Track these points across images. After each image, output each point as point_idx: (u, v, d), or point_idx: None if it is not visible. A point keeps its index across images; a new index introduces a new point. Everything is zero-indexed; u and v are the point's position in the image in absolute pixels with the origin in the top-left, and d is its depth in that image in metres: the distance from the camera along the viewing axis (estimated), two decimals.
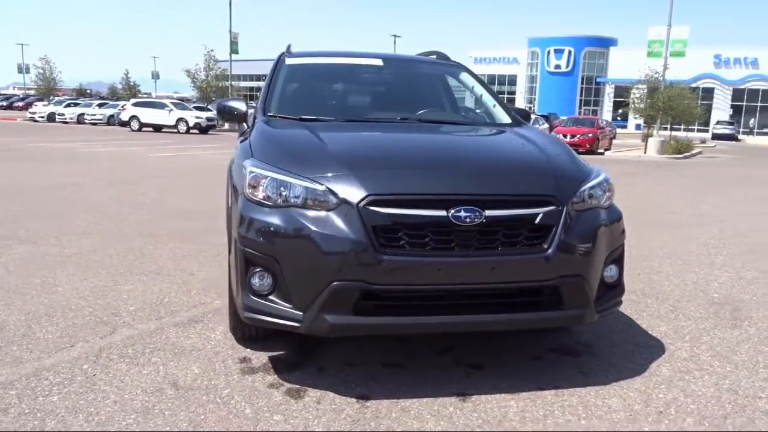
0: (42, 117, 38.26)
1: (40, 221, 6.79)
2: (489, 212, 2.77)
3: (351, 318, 2.75)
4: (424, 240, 2.75)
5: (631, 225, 3.39)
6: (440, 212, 2.74)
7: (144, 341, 3.47)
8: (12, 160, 14.28)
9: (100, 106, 38.99)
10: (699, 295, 4.74)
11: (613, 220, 3.20)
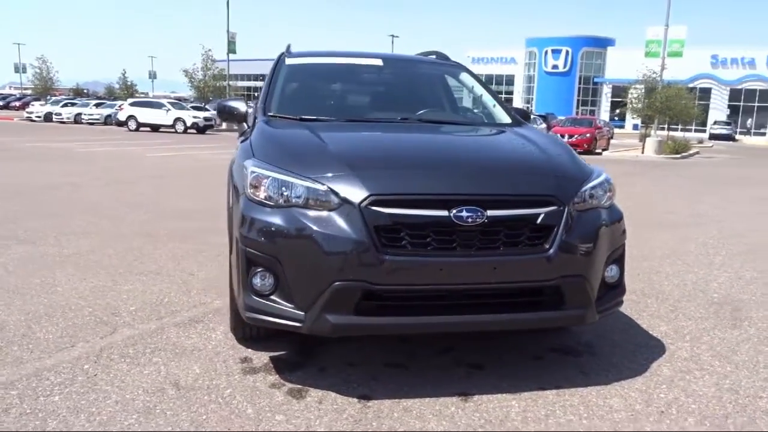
0: (39, 117, 38.16)
1: (39, 221, 6.78)
2: (491, 212, 2.77)
3: (353, 318, 2.75)
4: (425, 240, 2.75)
5: (629, 225, 3.40)
6: (442, 212, 2.75)
7: (145, 341, 3.46)
8: (9, 159, 14.24)
9: (97, 105, 38.89)
10: (698, 295, 4.75)
11: (614, 220, 3.20)
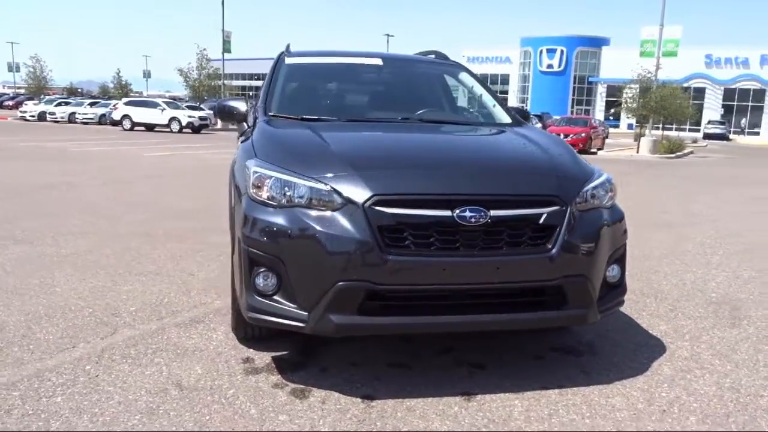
0: (33, 116, 37.95)
1: (36, 221, 6.75)
2: (494, 212, 2.77)
3: (356, 318, 2.75)
4: (429, 240, 2.75)
5: (627, 225, 3.40)
6: (445, 212, 2.75)
7: (146, 342, 3.45)
8: (4, 159, 14.17)
9: (92, 105, 38.69)
10: (697, 294, 4.77)
11: (616, 220, 3.21)
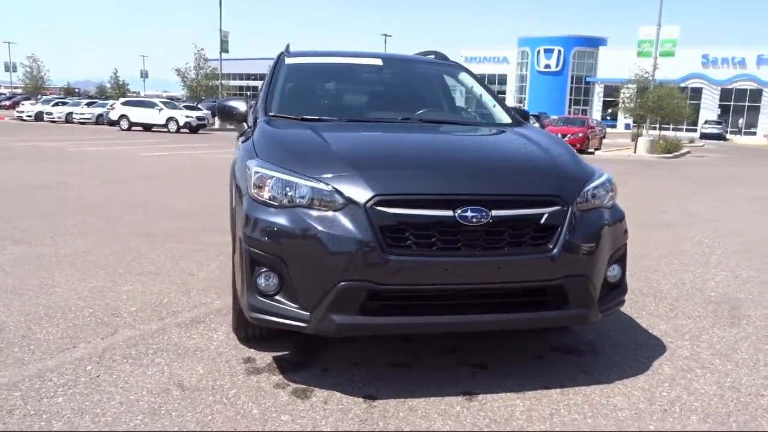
0: (30, 116, 37.87)
1: (34, 221, 6.74)
2: (495, 212, 2.78)
3: (358, 318, 2.75)
4: (430, 240, 2.75)
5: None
6: (447, 212, 2.75)
7: (147, 342, 3.45)
8: (1, 159, 14.12)
9: (89, 105, 38.62)
10: (696, 293, 4.78)
11: (616, 220, 3.22)
